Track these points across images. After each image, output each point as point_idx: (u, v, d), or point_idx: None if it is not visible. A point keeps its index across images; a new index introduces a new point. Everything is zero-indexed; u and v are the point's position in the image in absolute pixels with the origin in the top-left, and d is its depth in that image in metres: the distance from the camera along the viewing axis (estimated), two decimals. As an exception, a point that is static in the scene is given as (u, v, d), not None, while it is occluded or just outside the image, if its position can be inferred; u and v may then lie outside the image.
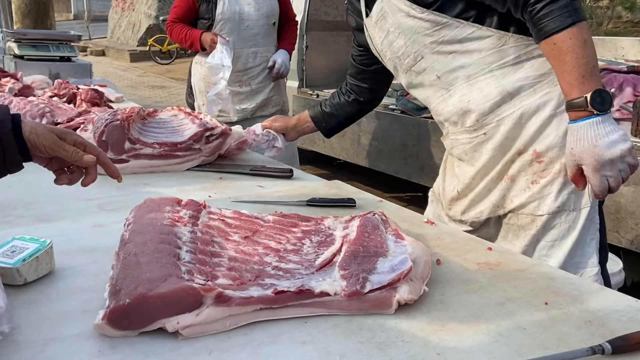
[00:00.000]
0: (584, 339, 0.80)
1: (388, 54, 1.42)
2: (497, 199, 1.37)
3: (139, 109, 1.75)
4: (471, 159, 1.40)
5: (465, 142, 1.39)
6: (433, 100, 1.42)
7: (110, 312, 0.77)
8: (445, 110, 1.39)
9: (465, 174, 1.42)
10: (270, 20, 3.02)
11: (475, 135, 1.36)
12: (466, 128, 1.37)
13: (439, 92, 1.38)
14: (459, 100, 1.34)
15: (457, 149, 1.43)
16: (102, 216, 1.26)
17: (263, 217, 1.16)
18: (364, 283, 0.87)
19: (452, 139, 1.43)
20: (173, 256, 0.89)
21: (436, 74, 1.35)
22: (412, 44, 1.34)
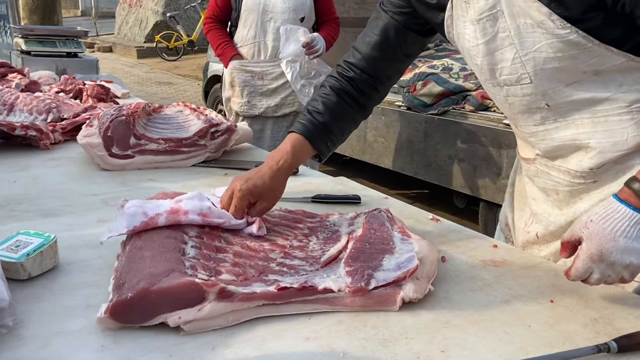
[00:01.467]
0: (590, 337, 0.79)
1: (479, 60, 1.06)
2: None
3: (144, 104, 1.75)
4: (561, 201, 1.11)
5: (561, 183, 1.09)
6: (525, 125, 1.09)
7: (113, 306, 0.77)
8: (544, 142, 1.08)
9: (550, 218, 1.13)
10: (298, 15, 2.80)
11: (580, 182, 1.06)
12: (568, 169, 1.06)
13: (540, 120, 1.06)
14: (571, 138, 1.03)
15: (541, 181, 1.14)
16: (107, 211, 1.26)
17: (269, 214, 1.15)
18: (369, 280, 0.86)
19: (541, 170, 1.13)
20: (178, 251, 0.89)
21: (546, 102, 1.02)
22: (526, 63, 0.99)
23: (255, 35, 2.84)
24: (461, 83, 3.31)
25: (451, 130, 3.22)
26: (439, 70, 3.49)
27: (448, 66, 3.53)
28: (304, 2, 2.82)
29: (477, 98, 3.16)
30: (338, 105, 1.19)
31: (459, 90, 3.27)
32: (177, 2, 15.07)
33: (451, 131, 3.22)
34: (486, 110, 3.13)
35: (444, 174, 3.29)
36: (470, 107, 3.18)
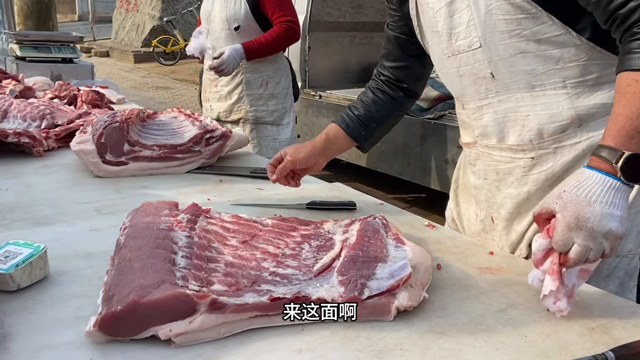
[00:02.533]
0: (587, 347, 0.78)
1: (440, 25, 1.13)
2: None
3: (138, 110, 1.74)
4: (500, 181, 1.18)
5: (502, 161, 1.16)
6: (471, 100, 1.17)
7: (102, 319, 0.75)
8: (486, 116, 1.15)
9: (495, 199, 1.20)
10: (231, 25, 2.78)
11: (519, 157, 1.12)
12: (509, 145, 1.13)
13: (485, 93, 1.13)
14: (513, 110, 1.11)
15: (482, 164, 1.21)
16: (99, 219, 1.25)
17: (262, 221, 1.14)
18: (362, 289, 0.85)
19: (482, 152, 1.20)
20: (168, 262, 0.88)
21: (491, 71, 1.09)
22: (478, 25, 1.06)
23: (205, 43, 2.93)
24: (457, 87, 3.31)
25: (447, 134, 3.21)
26: (435, 74, 3.48)
27: (444, 70, 3.53)
28: (237, 11, 2.75)
29: (474, 102, 3.16)
30: (372, 100, 1.38)
31: (455, 94, 3.27)
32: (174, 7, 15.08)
33: (447, 135, 3.21)
34: (482, 114, 3.13)
35: (441, 178, 3.29)
36: (466, 111, 3.17)
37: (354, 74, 4.69)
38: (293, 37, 2.81)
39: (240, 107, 2.93)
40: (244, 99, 2.92)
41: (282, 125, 3.00)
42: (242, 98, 2.92)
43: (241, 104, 2.92)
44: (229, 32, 2.80)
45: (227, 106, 2.96)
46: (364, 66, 4.68)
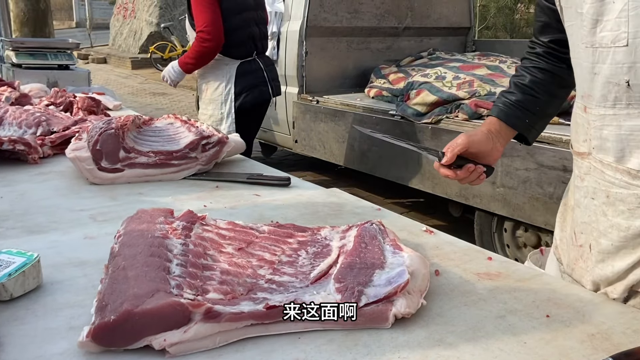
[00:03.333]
0: (587, 354, 0.77)
1: (587, 6, 0.95)
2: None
3: (134, 117, 1.73)
4: (609, 205, 1.00)
5: (615, 184, 0.98)
6: (596, 105, 0.99)
7: (95, 330, 0.74)
8: (608, 128, 0.97)
9: (596, 225, 1.03)
10: (190, 35, 3.15)
11: (638, 185, 0.94)
12: (628, 168, 0.95)
13: (613, 101, 0.96)
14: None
15: (592, 180, 1.03)
16: (94, 227, 1.24)
17: (258, 228, 1.13)
18: (360, 296, 0.84)
19: (594, 167, 1.02)
20: (162, 270, 0.87)
21: (629, 78, 0.91)
22: (632, 19, 0.88)
23: None
24: (454, 92, 3.30)
25: (445, 139, 3.21)
26: (432, 79, 3.48)
27: (441, 75, 3.53)
28: (190, 32, 3.16)
29: (471, 107, 3.15)
30: (528, 81, 1.22)
31: (452, 99, 3.26)
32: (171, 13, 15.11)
33: (445, 140, 3.21)
34: (479, 118, 3.13)
35: (439, 182, 3.28)
36: (463, 115, 3.16)
37: (352, 79, 4.68)
38: (202, 49, 2.95)
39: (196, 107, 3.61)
40: (199, 103, 3.40)
41: (221, 127, 3.11)
42: (198, 102, 3.44)
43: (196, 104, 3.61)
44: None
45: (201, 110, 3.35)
46: (361, 71, 4.68)
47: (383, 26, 4.80)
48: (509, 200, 2.79)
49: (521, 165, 2.74)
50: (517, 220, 2.88)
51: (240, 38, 3.05)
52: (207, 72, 3.14)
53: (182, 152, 1.65)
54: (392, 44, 4.90)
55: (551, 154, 2.60)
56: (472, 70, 3.62)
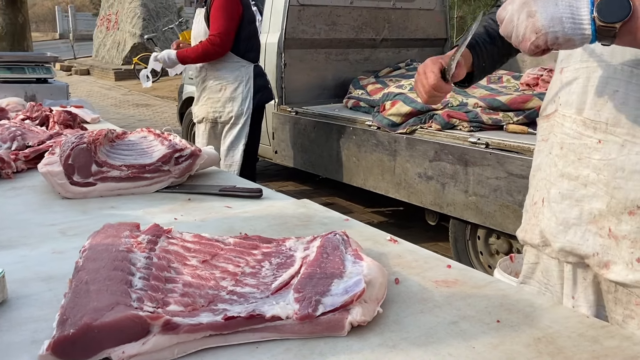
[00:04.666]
0: (531, 357, 0.81)
1: None
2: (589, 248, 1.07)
3: (107, 131, 1.75)
4: (561, 157, 1.11)
5: (569, 135, 1.09)
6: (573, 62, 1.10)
7: (55, 343, 0.76)
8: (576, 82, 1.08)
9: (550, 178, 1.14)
10: (197, 41, 3.55)
11: (588, 135, 1.04)
12: (584, 118, 1.06)
13: (589, 55, 1.06)
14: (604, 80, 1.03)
15: (551, 137, 1.14)
16: (63, 242, 1.25)
17: (224, 240, 1.16)
18: (317, 306, 0.87)
19: (557, 123, 1.13)
20: (124, 283, 0.89)
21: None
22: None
23: None
24: (428, 102, 3.36)
25: (419, 148, 3.26)
26: (407, 90, 3.54)
27: (416, 85, 3.58)
28: (199, 29, 3.56)
29: (443, 117, 3.22)
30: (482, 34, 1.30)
31: (425, 109, 3.32)
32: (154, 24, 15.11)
33: (419, 149, 3.26)
34: (452, 128, 3.19)
35: (414, 192, 3.33)
36: (436, 125, 3.23)
37: (330, 90, 4.74)
38: (210, 49, 3.42)
39: (204, 108, 3.66)
40: (207, 102, 3.64)
41: (237, 125, 3.58)
42: (206, 102, 3.65)
43: (205, 105, 3.65)
44: None
45: (197, 108, 3.71)
46: (340, 82, 4.73)
47: (361, 38, 4.86)
48: (480, 208, 2.84)
49: (492, 174, 2.80)
50: (489, 228, 2.93)
51: (255, 44, 3.65)
52: (224, 74, 3.54)
53: (155, 166, 1.67)
54: (370, 55, 4.97)
55: (520, 162, 2.67)
56: (446, 81, 3.68)
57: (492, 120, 3.13)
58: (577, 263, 1.13)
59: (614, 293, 1.08)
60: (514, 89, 3.61)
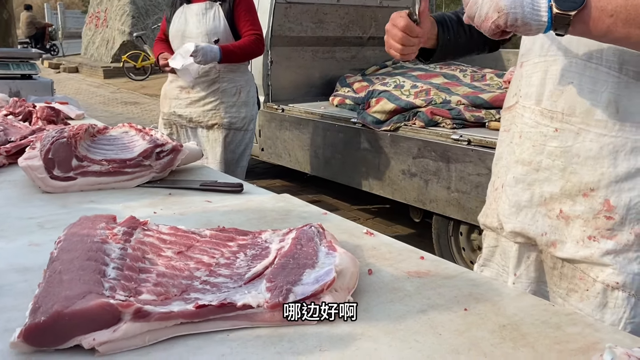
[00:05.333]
0: (495, 343, 0.83)
1: None
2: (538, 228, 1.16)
3: (87, 126, 1.76)
4: (518, 145, 1.18)
5: (528, 124, 1.16)
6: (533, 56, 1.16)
7: (26, 330, 0.77)
8: (535, 75, 1.15)
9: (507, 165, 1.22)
10: (211, 38, 3.12)
11: (545, 124, 1.12)
12: (542, 108, 1.13)
13: (547, 49, 1.12)
14: (560, 73, 1.10)
15: (512, 127, 1.21)
16: (40, 235, 1.26)
17: (200, 232, 1.17)
18: (287, 294, 0.88)
19: (517, 114, 1.20)
20: (98, 273, 0.90)
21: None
22: None
23: None
24: (412, 100, 3.39)
25: (403, 145, 3.29)
26: (391, 87, 3.57)
27: (400, 84, 3.62)
28: (217, 25, 3.12)
29: (427, 114, 3.25)
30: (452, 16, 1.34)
31: (409, 107, 3.35)
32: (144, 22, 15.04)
33: (403, 147, 3.29)
34: (435, 126, 3.22)
35: (398, 188, 3.36)
36: (420, 123, 3.26)
37: (317, 88, 4.76)
38: (261, 48, 3.19)
39: (216, 113, 3.26)
40: (219, 107, 3.24)
41: (248, 131, 3.33)
42: (218, 105, 3.24)
43: (217, 110, 3.25)
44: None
45: (202, 112, 3.27)
46: (327, 80, 4.76)
47: (348, 36, 4.89)
48: (462, 205, 2.87)
49: (473, 171, 2.83)
50: (471, 224, 2.97)
51: None
52: (238, 76, 3.26)
53: (136, 160, 1.68)
54: (357, 53, 4.99)
55: (503, 159, 2.69)
56: (429, 79, 3.72)
57: (474, 118, 3.17)
58: (524, 243, 1.22)
59: (560, 269, 1.16)
60: (497, 86, 3.65)
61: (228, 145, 3.27)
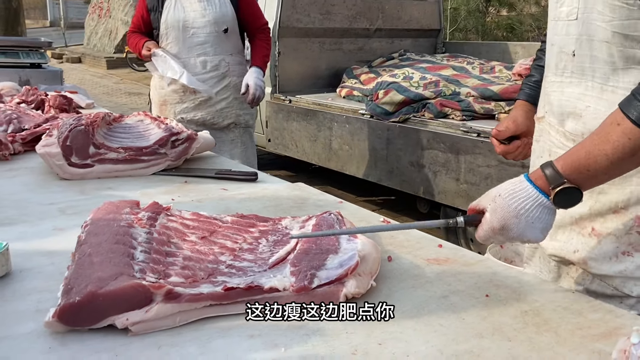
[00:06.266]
0: (518, 328, 0.85)
1: None
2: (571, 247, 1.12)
3: (104, 114, 1.77)
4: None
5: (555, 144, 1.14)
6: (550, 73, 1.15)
7: (61, 310, 0.79)
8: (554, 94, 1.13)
9: None
10: (220, 27, 2.79)
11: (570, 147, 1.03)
12: (564, 131, 1.11)
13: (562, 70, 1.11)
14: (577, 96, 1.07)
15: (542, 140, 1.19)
16: (63, 220, 1.27)
17: (222, 218, 1.18)
18: (312, 279, 0.90)
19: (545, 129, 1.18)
20: (127, 256, 0.92)
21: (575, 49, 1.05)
22: None
23: (179, 52, 2.80)
24: (421, 91, 3.40)
25: (412, 137, 3.30)
26: (400, 79, 3.57)
27: (409, 75, 3.62)
28: (225, 13, 2.79)
29: (436, 106, 3.25)
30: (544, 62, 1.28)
31: (418, 98, 3.36)
32: (147, 12, 14.98)
33: (412, 138, 3.30)
34: (444, 117, 3.23)
35: (406, 180, 3.37)
36: (429, 114, 3.27)
37: (324, 79, 4.76)
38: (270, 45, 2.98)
39: (230, 111, 2.89)
40: (232, 104, 2.89)
41: (254, 129, 3.10)
42: (232, 102, 2.89)
43: (231, 108, 2.89)
44: (216, 35, 2.79)
45: (214, 112, 2.87)
46: (334, 71, 4.75)
47: (355, 27, 4.88)
48: (472, 196, 2.89)
49: (483, 162, 2.84)
50: (480, 216, 2.97)
51: None
52: (244, 69, 2.92)
53: (152, 148, 1.69)
54: (364, 45, 4.99)
55: (512, 151, 2.70)
56: (438, 71, 3.73)
57: (484, 110, 3.17)
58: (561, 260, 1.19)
59: (589, 285, 1.13)
60: (506, 79, 3.65)
61: (244, 144, 2.96)
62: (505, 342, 0.81)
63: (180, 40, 2.78)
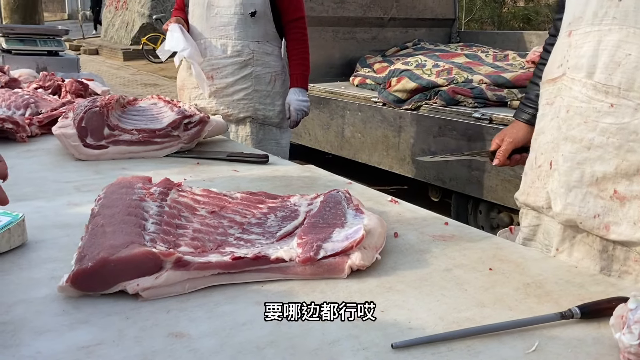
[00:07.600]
0: (520, 298, 0.86)
1: None
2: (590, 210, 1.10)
3: (118, 96, 1.80)
4: (565, 121, 1.12)
5: (578, 98, 1.09)
6: (585, 24, 1.10)
7: (74, 275, 0.82)
8: (587, 45, 1.08)
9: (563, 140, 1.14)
10: (247, 10, 2.49)
11: (599, 99, 1.04)
12: (595, 82, 1.07)
13: (602, 17, 1.06)
14: (617, 44, 1.03)
15: (558, 100, 1.16)
16: (77, 196, 1.31)
17: (231, 195, 1.21)
18: (318, 250, 0.92)
19: (565, 86, 1.14)
20: (138, 227, 0.94)
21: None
22: None
23: (202, 32, 2.56)
24: (433, 79, 3.39)
25: (424, 124, 3.30)
26: (413, 66, 3.57)
27: (421, 63, 3.61)
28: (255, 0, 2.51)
29: (448, 93, 3.25)
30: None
31: (431, 85, 3.35)
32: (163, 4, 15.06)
33: (424, 125, 3.30)
34: (457, 105, 3.22)
35: (418, 167, 3.37)
36: (441, 102, 3.26)
37: (337, 68, 4.76)
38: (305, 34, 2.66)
39: (248, 104, 2.60)
40: (252, 96, 2.59)
41: (283, 128, 2.71)
42: (251, 94, 2.59)
43: (249, 101, 2.59)
44: (242, 18, 2.50)
45: (230, 102, 2.60)
46: (347, 61, 4.75)
47: (369, 16, 4.87)
48: (482, 183, 2.89)
49: (495, 149, 2.84)
50: (491, 202, 2.98)
51: None
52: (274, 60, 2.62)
53: (165, 131, 1.72)
54: (378, 34, 4.98)
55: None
56: (451, 59, 3.72)
57: (496, 97, 3.16)
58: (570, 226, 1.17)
59: (611, 251, 1.11)
60: (519, 66, 3.63)
61: (259, 143, 2.64)
62: (506, 311, 0.82)
63: (204, 18, 2.54)
